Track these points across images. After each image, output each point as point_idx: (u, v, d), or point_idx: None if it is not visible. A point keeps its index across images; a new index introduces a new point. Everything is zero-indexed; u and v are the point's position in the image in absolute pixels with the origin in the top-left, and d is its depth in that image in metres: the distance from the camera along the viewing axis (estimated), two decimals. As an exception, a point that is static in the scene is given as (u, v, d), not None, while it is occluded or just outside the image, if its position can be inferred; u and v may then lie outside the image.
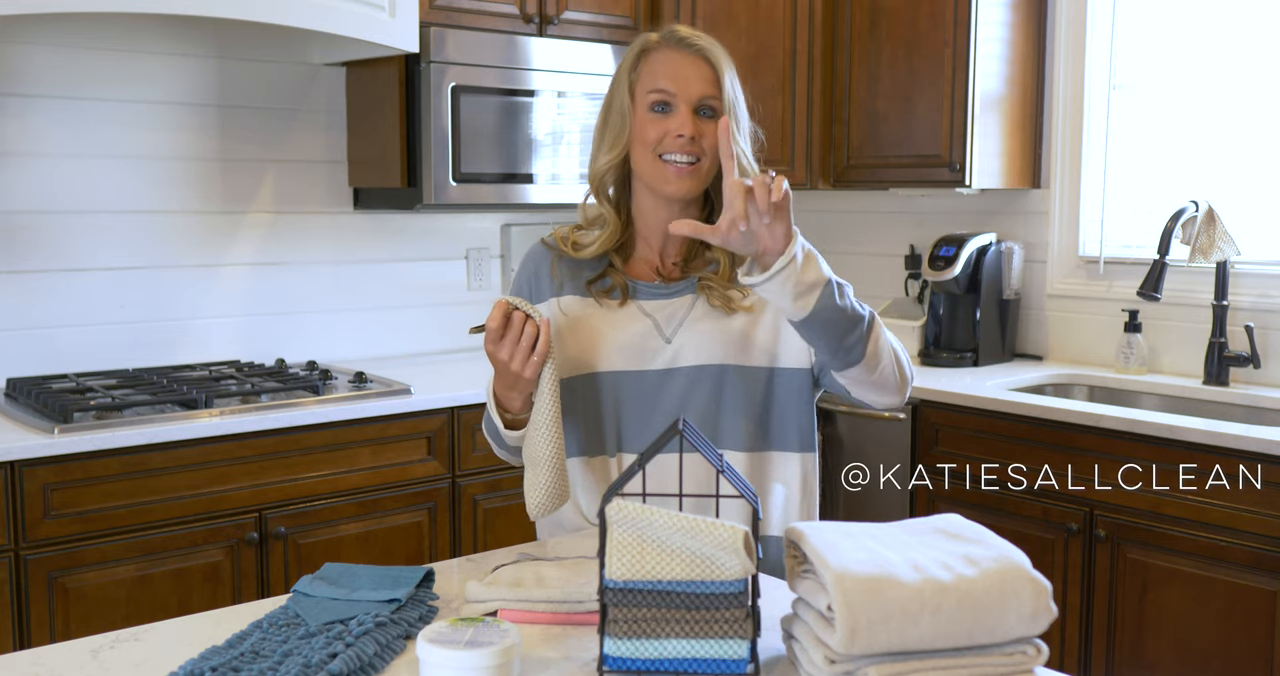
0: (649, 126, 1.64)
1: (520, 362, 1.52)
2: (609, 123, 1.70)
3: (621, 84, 1.69)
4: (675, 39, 1.68)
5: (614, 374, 1.66)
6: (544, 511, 1.58)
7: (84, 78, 2.92)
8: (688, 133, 1.62)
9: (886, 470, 3.09)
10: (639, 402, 1.66)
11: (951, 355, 3.36)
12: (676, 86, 1.63)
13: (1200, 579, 2.52)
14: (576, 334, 1.68)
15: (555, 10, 3.25)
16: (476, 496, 2.94)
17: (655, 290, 1.69)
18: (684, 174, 1.63)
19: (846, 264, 3.88)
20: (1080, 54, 3.34)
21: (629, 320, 1.67)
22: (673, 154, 1.63)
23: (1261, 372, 2.97)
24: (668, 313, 1.67)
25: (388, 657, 1.25)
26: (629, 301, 1.69)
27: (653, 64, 1.66)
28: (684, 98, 1.63)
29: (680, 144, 1.62)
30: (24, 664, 1.26)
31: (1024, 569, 1.16)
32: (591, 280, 1.71)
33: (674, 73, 1.64)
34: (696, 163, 1.64)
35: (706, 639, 1.18)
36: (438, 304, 3.53)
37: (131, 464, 2.45)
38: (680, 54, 1.66)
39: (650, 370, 1.65)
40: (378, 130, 3.17)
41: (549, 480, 1.56)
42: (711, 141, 1.64)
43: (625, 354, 1.66)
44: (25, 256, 2.87)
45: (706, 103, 1.64)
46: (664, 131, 1.63)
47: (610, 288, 1.70)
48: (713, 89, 1.64)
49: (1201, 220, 2.93)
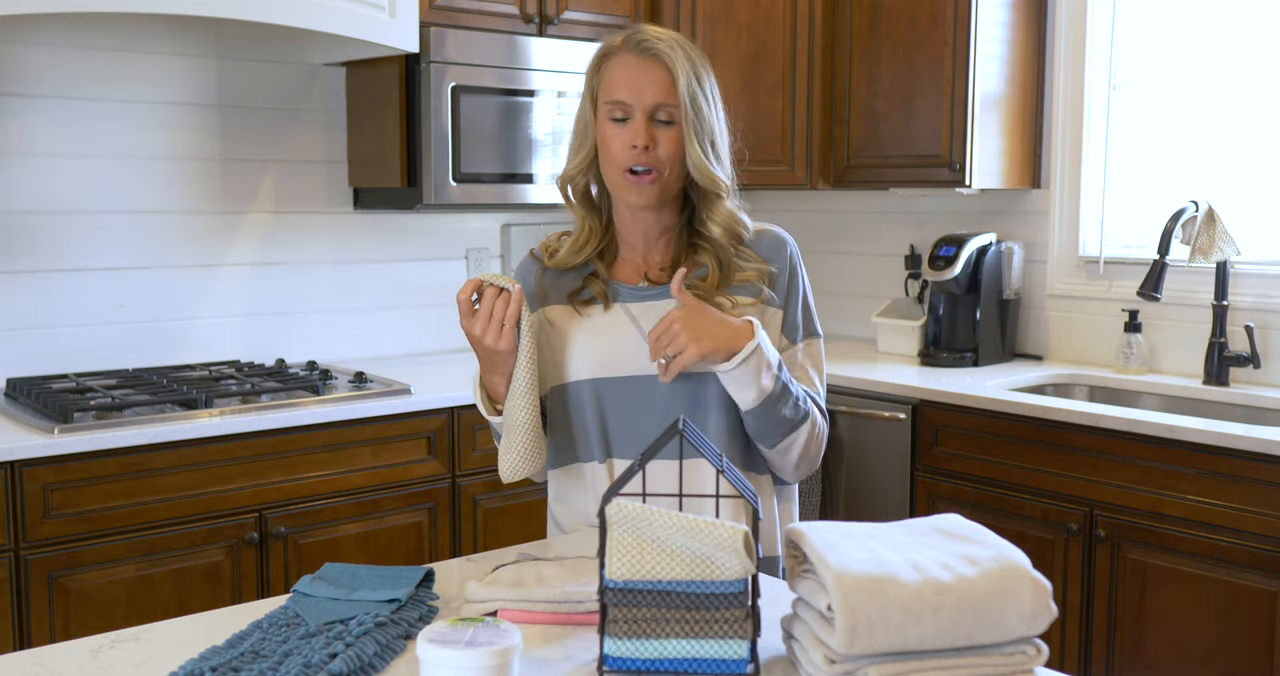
0: (609, 138, 1.63)
1: (494, 336, 1.54)
2: (576, 130, 1.69)
3: (586, 91, 1.67)
4: (634, 43, 1.64)
5: (599, 380, 1.65)
6: (516, 474, 1.63)
7: (84, 78, 2.92)
8: (640, 143, 1.60)
9: (886, 470, 3.09)
10: (625, 407, 1.65)
11: (951, 355, 3.36)
12: (630, 95, 1.61)
13: (1200, 579, 2.52)
14: (562, 342, 1.68)
15: (555, 10, 3.25)
16: (476, 496, 2.94)
17: (640, 293, 1.68)
18: (642, 184, 1.62)
19: (846, 264, 3.89)
20: (1080, 54, 3.34)
21: (613, 325, 1.67)
22: (632, 165, 1.61)
23: (1261, 372, 2.97)
24: (652, 316, 1.65)
25: (388, 657, 1.25)
26: (613, 306, 1.68)
27: (610, 71, 1.64)
28: (638, 106, 1.61)
29: (635, 155, 1.61)
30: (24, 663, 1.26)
31: (1024, 569, 1.16)
32: (573, 292, 1.70)
33: (629, 80, 1.61)
34: (653, 173, 1.62)
35: (706, 639, 1.18)
36: (438, 304, 3.53)
37: (131, 464, 2.45)
38: (637, 59, 1.62)
39: (635, 375, 1.64)
40: (378, 130, 3.17)
41: (523, 443, 1.61)
42: (668, 149, 1.61)
43: (609, 359, 1.65)
44: (25, 256, 2.87)
45: (661, 109, 1.61)
46: (622, 142, 1.61)
47: (590, 299, 1.69)
48: (667, 95, 1.61)
49: (1201, 220, 2.93)
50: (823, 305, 3.55)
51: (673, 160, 1.62)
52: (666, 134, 1.62)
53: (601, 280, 1.69)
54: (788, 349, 1.68)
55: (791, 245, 1.73)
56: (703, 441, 1.33)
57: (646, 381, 1.64)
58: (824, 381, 1.71)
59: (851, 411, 3.15)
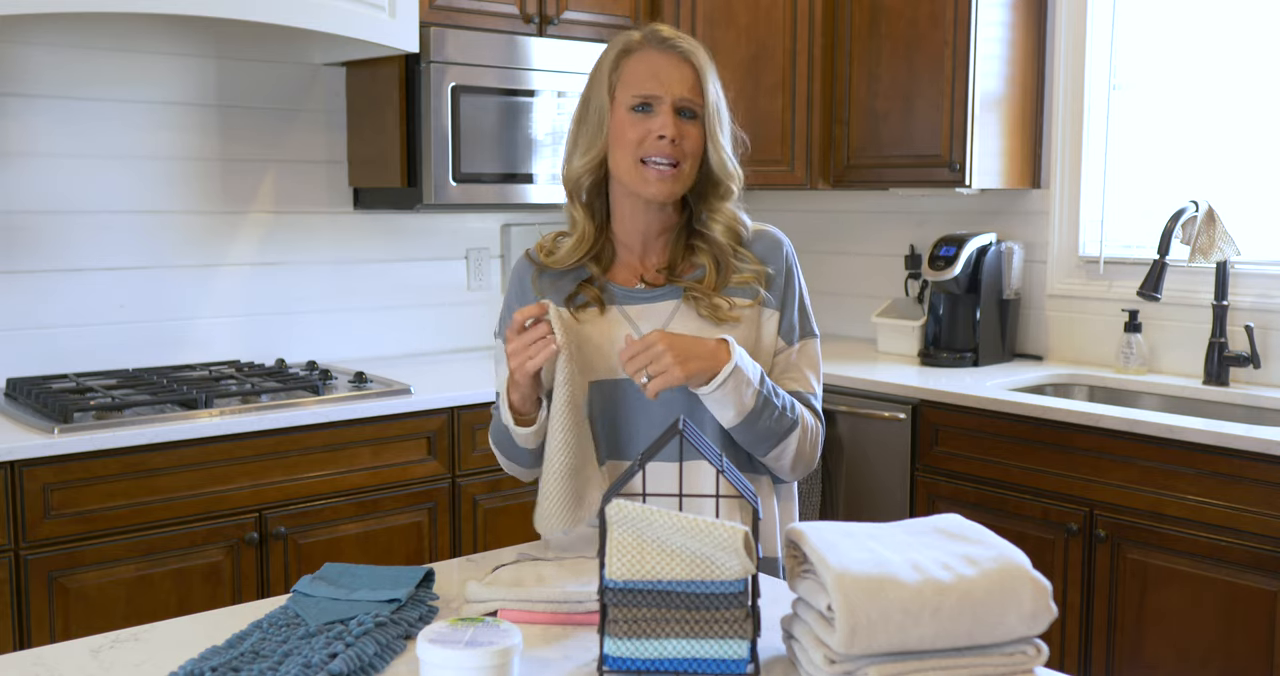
0: (629, 127, 1.62)
1: (518, 361, 1.53)
2: (585, 123, 1.67)
3: (600, 84, 1.66)
4: (658, 39, 1.64)
5: (596, 383, 1.64)
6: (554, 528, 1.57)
7: (84, 78, 2.92)
8: (669, 134, 1.60)
9: (886, 470, 3.09)
10: (621, 410, 1.64)
11: (951, 355, 3.36)
12: (659, 87, 1.61)
13: (1200, 579, 2.52)
14: None
15: (555, 10, 3.25)
16: (476, 496, 2.94)
17: (637, 295, 1.68)
18: (665, 177, 1.62)
19: (846, 264, 3.89)
20: (1080, 54, 3.34)
21: (610, 327, 1.66)
22: (654, 156, 1.61)
23: (1261, 372, 2.97)
24: (649, 318, 1.65)
25: (388, 657, 1.25)
26: (609, 309, 1.67)
27: (634, 64, 1.64)
28: (666, 98, 1.61)
29: (662, 145, 1.60)
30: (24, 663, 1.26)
31: (1024, 569, 1.17)
32: (569, 297, 1.69)
33: (657, 73, 1.62)
34: (677, 166, 1.62)
35: (706, 639, 1.18)
36: (438, 304, 3.53)
37: (131, 464, 2.45)
38: (663, 55, 1.63)
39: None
40: (378, 130, 3.17)
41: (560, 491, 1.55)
42: (692, 143, 1.62)
43: (606, 361, 1.64)
44: (25, 256, 2.87)
45: (688, 104, 1.62)
46: (645, 132, 1.61)
47: (584, 304, 1.67)
48: (694, 91, 1.62)
49: (1201, 220, 2.93)
50: (822, 305, 3.57)
51: (695, 154, 1.63)
52: (690, 129, 1.62)
53: (596, 285, 1.68)
54: (784, 350, 1.68)
55: (788, 246, 1.73)
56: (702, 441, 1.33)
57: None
58: (820, 381, 1.71)
59: (851, 411, 3.15)
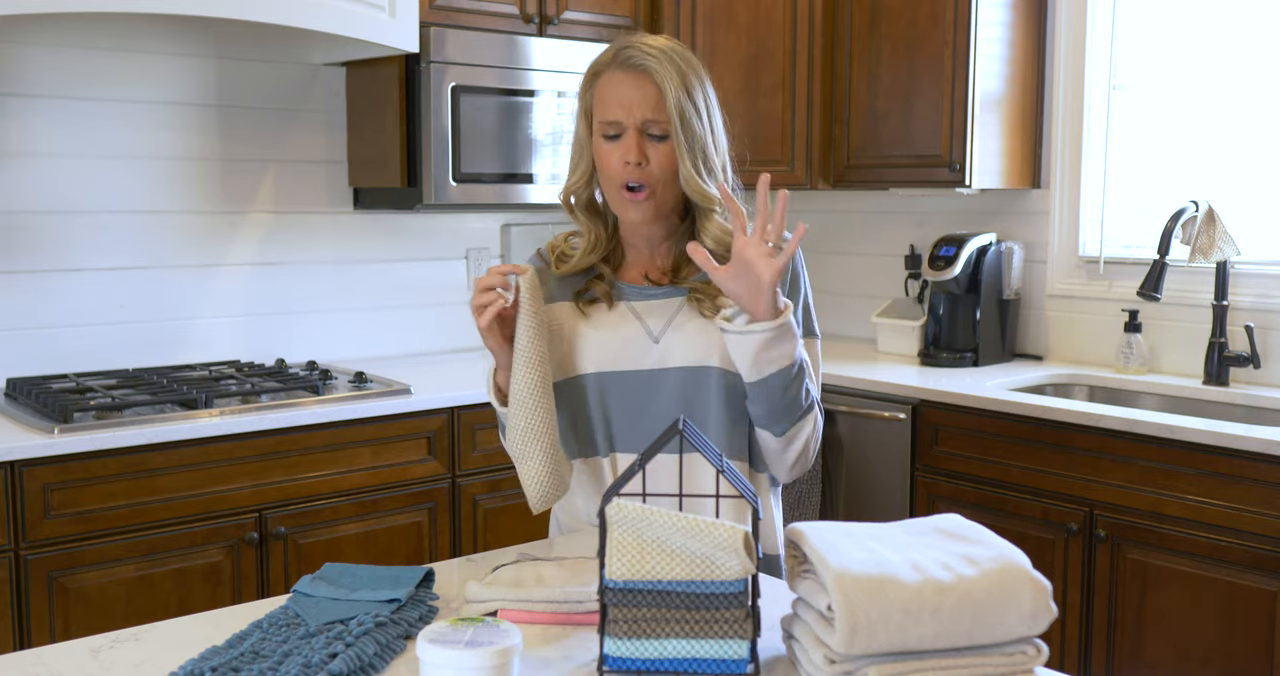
0: (604, 155, 1.63)
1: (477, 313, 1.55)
2: (575, 143, 1.70)
3: (580, 108, 1.68)
4: (622, 59, 1.63)
5: (602, 374, 1.66)
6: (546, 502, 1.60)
7: (84, 78, 2.92)
8: (632, 159, 1.60)
9: (886, 470, 3.09)
10: (628, 402, 1.66)
11: (951, 355, 3.36)
12: (621, 113, 1.61)
13: (1200, 579, 2.52)
14: (566, 337, 1.69)
15: (555, 10, 3.25)
16: (476, 496, 2.94)
17: (644, 292, 1.70)
18: (637, 201, 1.62)
19: (846, 264, 3.88)
20: (1080, 54, 3.34)
21: (618, 321, 1.68)
22: (626, 181, 1.62)
23: (1261, 372, 2.97)
24: (656, 313, 1.67)
25: (388, 657, 1.25)
26: (617, 304, 1.70)
27: (602, 88, 1.64)
28: (629, 123, 1.61)
29: (630, 171, 1.61)
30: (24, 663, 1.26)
31: (1024, 569, 1.17)
32: (578, 292, 1.71)
33: (619, 97, 1.61)
34: (646, 189, 1.62)
35: (706, 639, 1.18)
36: (438, 304, 3.53)
37: (131, 464, 2.45)
38: (627, 74, 1.62)
39: (639, 370, 1.66)
40: (378, 130, 3.17)
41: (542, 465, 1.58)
42: (660, 165, 1.61)
43: (613, 353, 1.66)
44: (25, 256, 2.87)
45: (652, 125, 1.61)
46: (617, 159, 1.62)
47: (594, 300, 1.70)
48: (657, 111, 1.60)
49: (1201, 220, 2.93)
50: (823, 305, 3.57)
51: (666, 175, 1.62)
52: (659, 149, 1.61)
53: (606, 281, 1.71)
54: None
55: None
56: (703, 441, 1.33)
57: (650, 376, 1.65)
58: (819, 382, 1.72)
59: (851, 411, 3.15)
